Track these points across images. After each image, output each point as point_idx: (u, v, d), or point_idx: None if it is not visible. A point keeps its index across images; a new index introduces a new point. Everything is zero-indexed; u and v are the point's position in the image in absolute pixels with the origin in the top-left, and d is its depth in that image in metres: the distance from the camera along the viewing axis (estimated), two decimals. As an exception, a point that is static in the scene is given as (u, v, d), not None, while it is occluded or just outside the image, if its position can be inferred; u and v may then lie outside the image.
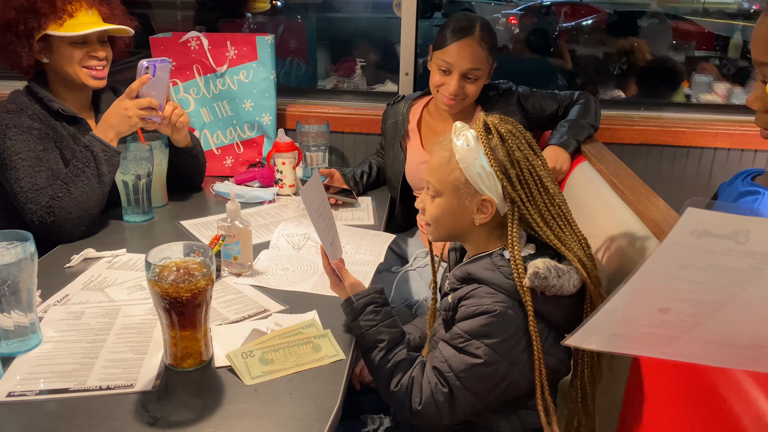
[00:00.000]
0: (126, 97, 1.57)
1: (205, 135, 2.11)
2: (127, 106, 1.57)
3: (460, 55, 1.72)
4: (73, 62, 1.63)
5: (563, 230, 1.08)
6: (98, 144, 1.55)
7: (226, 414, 0.95)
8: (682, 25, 4.49)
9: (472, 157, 1.07)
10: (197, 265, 1.03)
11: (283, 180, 1.91)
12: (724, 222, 0.55)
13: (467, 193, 1.09)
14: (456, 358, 1.06)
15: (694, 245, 0.56)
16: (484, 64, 1.76)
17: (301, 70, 2.87)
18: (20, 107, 1.61)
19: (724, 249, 0.56)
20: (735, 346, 0.65)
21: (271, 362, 1.07)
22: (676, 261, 0.58)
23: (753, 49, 1.11)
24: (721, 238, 0.56)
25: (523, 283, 1.01)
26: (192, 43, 2.02)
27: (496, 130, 1.07)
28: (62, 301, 1.27)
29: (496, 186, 1.06)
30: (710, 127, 2.15)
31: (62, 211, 1.51)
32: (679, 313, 0.62)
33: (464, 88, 1.76)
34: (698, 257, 0.57)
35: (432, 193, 1.15)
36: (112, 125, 1.58)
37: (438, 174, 1.12)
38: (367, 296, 1.14)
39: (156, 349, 1.10)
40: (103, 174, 1.56)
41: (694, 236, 0.56)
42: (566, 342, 0.69)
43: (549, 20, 5.06)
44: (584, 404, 1.12)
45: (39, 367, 1.05)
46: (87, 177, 1.54)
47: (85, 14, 1.63)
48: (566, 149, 1.72)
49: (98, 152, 1.54)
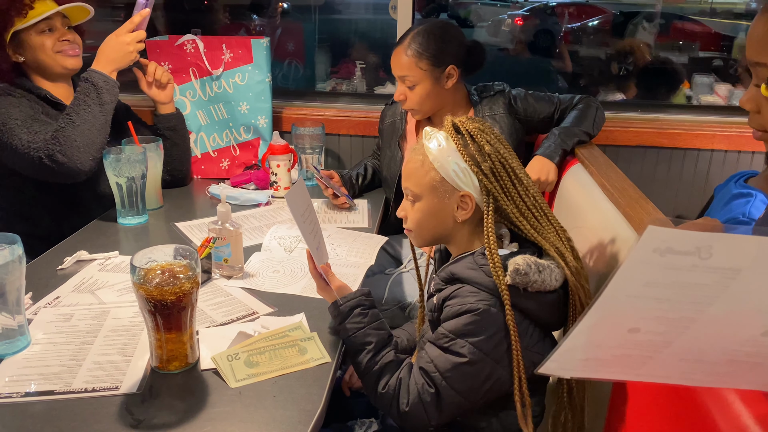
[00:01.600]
0: (126, 30, 1.63)
1: (201, 137, 2.12)
2: (127, 41, 1.65)
3: (393, 63, 1.82)
4: (45, 50, 1.69)
5: (539, 221, 1.10)
6: (98, 75, 1.62)
7: (209, 417, 0.96)
8: (688, 26, 4.47)
9: (445, 155, 1.09)
10: (182, 267, 1.04)
11: (278, 182, 1.91)
12: (686, 239, 0.55)
13: (445, 192, 1.11)
14: (441, 358, 1.06)
15: (657, 263, 0.56)
16: (414, 71, 1.77)
17: (299, 72, 2.88)
18: (7, 92, 1.66)
19: (688, 265, 0.56)
20: (709, 362, 0.64)
21: (257, 365, 1.07)
22: (640, 279, 0.58)
23: (747, 48, 1.11)
24: (684, 254, 0.55)
25: (503, 279, 1.02)
26: (188, 46, 2.02)
27: (465, 129, 1.10)
28: (53, 303, 1.28)
29: (473, 180, 1.08)
30: (707, 128, 2.14)
31: (67, 140, 1.56)
32: (648, 332, 0.62)
33: (406, 94, 1.81)
34: (662, 275, 0.57)
35: (411, 198, 1.16)
36: (112, 59, 1.64)
37: (414, 178, 1.14)
38: (354, 299, 1.15)
39: (143, 352, 1.11)
40: (105, 102, 1.62)
41: (657, 254, 0.56)
42: (539, 371, 0.69)
43: (554, 21, 5.05)
44: (570, 399, 1.12)
45: (26, 369, 1.06)
46: (89, 105, 1.59)
47: (44, 4, 1.68)
48: (552, 160, 1.71)
49: (99, 82, 1.61)
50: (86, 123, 1.59)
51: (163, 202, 1.85)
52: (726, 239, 0.55)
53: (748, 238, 0.56)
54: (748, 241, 0.56)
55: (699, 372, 0.66)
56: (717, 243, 0.55)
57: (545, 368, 0.67)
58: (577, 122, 1.80)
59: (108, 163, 1.61)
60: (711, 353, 0.63)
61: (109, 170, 1.62)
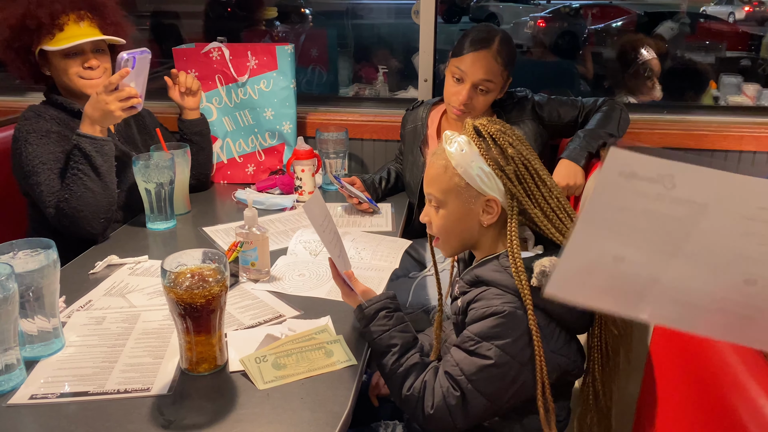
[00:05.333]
0: (104, 90, 1.56)
1: (227, 143, 2.15)
2: (107, 101, 1.56)
3: (474, 65, 1.73)
4: (68, 74, 1.68)
5: (564, 222, 1.09)
6: (85, 140, 1.57)
7: (238, 418, 0.98)
8: (714, 25, 4.41)
9: (469, 160, 1.09)
10: (212, 271, 1.06)
11: (302, 187, 1.93)
12: (648, 164, 0.58)
13: (470, 197, 1.11)
14: (467, 361, 1.06)
15: (625, 187, 0.59)
16: (498, 78, 1.76)
17: (323, 78, 2.90)
18: (37, 113, 1.68)
19: (654, 193, 0.59)
20: (702, 308, 0.66)
21: (284, 367, 1.09)
22: (614, 203, 0.61)
23: None
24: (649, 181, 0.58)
25: (526, 283, 1.02)
26: (214, 54, 2.06)
27: (487, 132, 1.09)
28: (85, 306, 1.31)
29: (498, 184, 1.08)
30: (735, 129, 2.11)
31: (73, 210, 1.57)
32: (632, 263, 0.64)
33: (473, 99, 1.77)
34: (632, 201, 0.60)
35: (435, 204, 1.16)
36: (95, 120, 1.59)
37: (437, 184, 1.14)
38: (379, 302, 1.16)
39: (173, 354, 1.13)
40: (99, 167, 1.58)
41: (623, 178, 0.59)
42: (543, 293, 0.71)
43: (577, 23, 5.01)
44: (596, 401, 1.12)
45: (60, 371, 1.09)
46: (84, 174, 1.57)
47: (75, 27, 1.66)
48: (578, 163, 1.70)
49: (87, 148, 1.57)
50: (87, 191, 1.57)
51: (190, 207, 1.89)
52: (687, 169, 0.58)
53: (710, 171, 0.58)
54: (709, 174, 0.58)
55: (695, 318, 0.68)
56: (678, 173, 0.58)
57: (548, 291, 0.69)
58: (601, 125, 1.79)
59: (137, 169, 1.65)
60: (701, 298, 0.65)
61: (138, 176, 1.66)
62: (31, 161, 1.61)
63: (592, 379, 1.13)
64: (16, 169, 1.66)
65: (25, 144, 1.62)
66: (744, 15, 5.00)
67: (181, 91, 1.93)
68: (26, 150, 1.61)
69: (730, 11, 4.59)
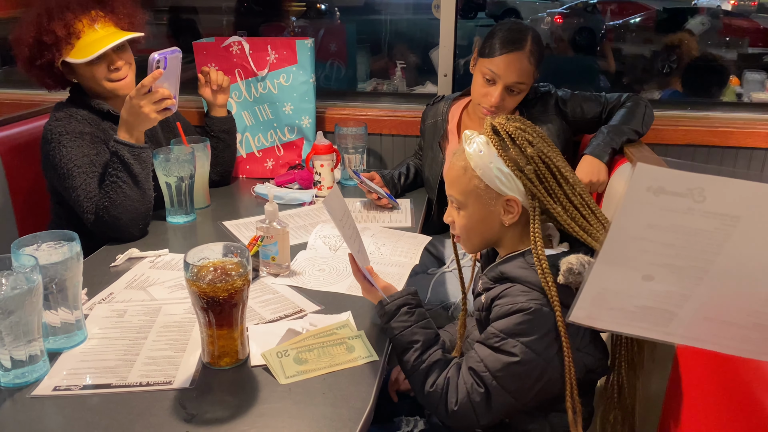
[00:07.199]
0: (137, 93, 1.55)
1: (246, 138, 2.15)
2: (141, 104, 1.55)
3: (508, 68, 1.71)
4: (96, 80, 1.66)
5: (587, 220, 1.07)
6: (123, 147, 1.57)
7: (261, 412, 0.97)
8: (736, 22, 4.35)
9: (487, 161, 1.07)
10: (234, 265, 1.05)
11: (321, 182, 1.93)
12: (676, 179, 0.56)
13: (490, 198, 1.09)
14: (492, 358, 1.05)
15: (653, 203, 0.58)
16: (530, 79, 1.75)
17: (342, 72, 2.89)
18: (68, 113, 1.66)
19: (684, 208, 0.57)
20: (737, 326, 0.64)
21: (306, 362, 1.08)
22: (641, 220, 0.59)
23: None
24: (678, 195, 0.57)
25: (551, 282, 1.00)
26: (234, 48, 2.06)
27: (504, 131, 1.07)
28: (107, 299, 1.31)
29: (517, 185, 1.07)
30: (761, 126, 2.07)
31: (112, 218, 1.57)
32: (663, 281, 0.63)
33: (505, 100, 1.75)
34: (661, 216, 0.58)
35: (457, 205, 1.15)
36: (132, 125, 1.58)
37: (458, 186, 1.13)
38: (401, 298, 1.15)
39: (194, 348, 1.13)
40: (137, 174, 1.58)
41: (651, 193, 0.57)
42: (568, 318, 0.69)
43: (595, 18, 4.97)
44: (620, 399, 1.10)
45: (83, 363, 1.09)
46: (123, 182, 1.57)
47: (91, 32, 1.64)
48: (601, 159, 1.68)
49: (125, 156, 1.57)
50: (126, 199, 1.57)
51: (210, 201, 1.89)
52: (717, 182, 0.56)
53: (740, 182, 0.57)
54: (740, 185, 0.57)
55: (730, 337, 0.65)
56: (708, 185, 0.56)
57: (574, 316, 0.67)
58: (625, 120, 1.76)
59: (158, 163, 1.65)
60: (735, 314, 0.63)
61: (158, 170, 1.66)
62: (66, 164, 1.60)
63: (617, 377, 1.12)
64: (48, 169, 1.65)
65: (59, 146, 1.61)
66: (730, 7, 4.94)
67: (213, 89, 1.94)
68: (59, 152, 1.60)
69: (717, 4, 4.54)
